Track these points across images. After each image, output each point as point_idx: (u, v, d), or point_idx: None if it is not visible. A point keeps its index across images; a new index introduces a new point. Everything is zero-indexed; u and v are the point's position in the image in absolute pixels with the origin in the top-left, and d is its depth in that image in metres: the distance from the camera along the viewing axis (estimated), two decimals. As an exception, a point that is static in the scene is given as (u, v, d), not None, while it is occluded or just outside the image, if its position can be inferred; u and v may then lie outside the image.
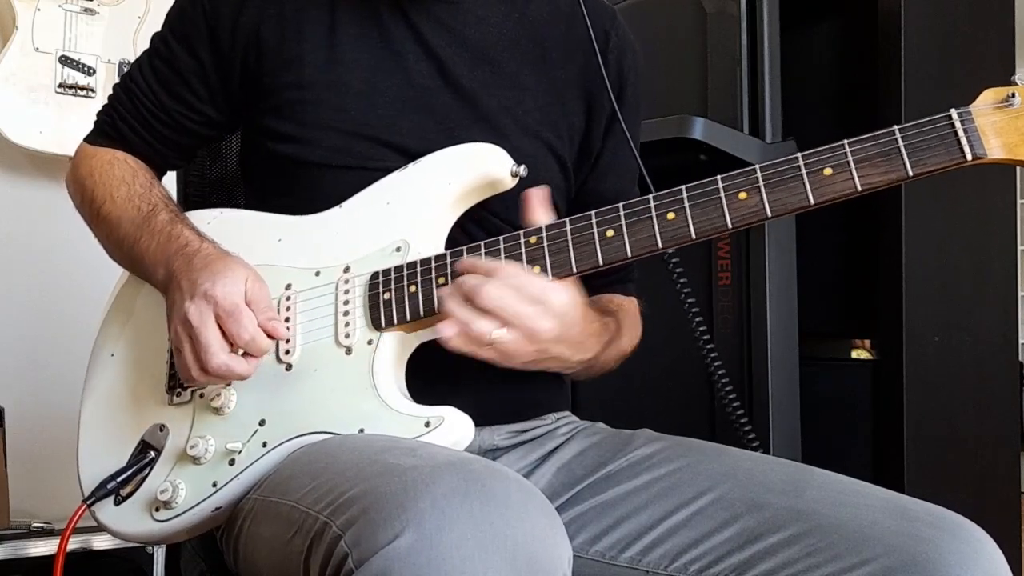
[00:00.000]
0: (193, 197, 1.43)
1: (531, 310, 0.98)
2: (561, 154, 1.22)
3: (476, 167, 1.08)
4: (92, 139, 1.29)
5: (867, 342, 2.01)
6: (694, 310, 1.40)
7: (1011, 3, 2.14)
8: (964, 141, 0.92)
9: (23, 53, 2.44)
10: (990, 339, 2.07)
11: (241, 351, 1.04)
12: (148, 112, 1.23)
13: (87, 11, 2.52)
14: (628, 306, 1.27)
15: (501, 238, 1.04)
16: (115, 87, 1.28)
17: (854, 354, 2.03)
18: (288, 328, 1.08)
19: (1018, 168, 2.30)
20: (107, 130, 1.27)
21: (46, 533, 2.05)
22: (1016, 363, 2.17)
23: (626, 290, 1.29)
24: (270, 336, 1.05)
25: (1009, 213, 2.14)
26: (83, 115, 2.45)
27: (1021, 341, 2.62)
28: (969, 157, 0.91)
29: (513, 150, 1.10)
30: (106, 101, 1.30)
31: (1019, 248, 2.31)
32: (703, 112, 1.92)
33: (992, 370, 2.08)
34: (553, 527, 0.83)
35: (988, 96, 0.93)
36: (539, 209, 1.04)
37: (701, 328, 1.42)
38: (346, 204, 1.13)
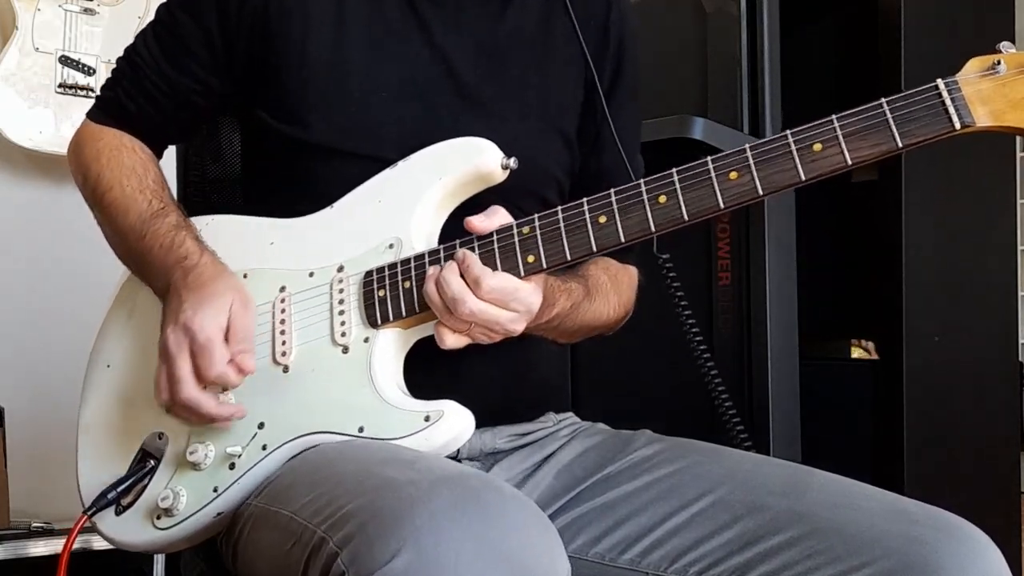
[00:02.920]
0: (193, 197, 1.43)
1: (510, 316, 1.00)
2: (567, 132, 1.23)
3: (466, 161, 1.08)
4: (95, 116, 1.27)
5: (867, 342, 2.01)
6: (687, 314, 1.40)
7: (1011, 3, 2.14)
8: (952, 110, 0.91)
9: (23, 53, 2.44)
10: (990, 339, 2.07)
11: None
12: (151, 84, 1.22)
13: (87, 11, 2.52)
14: (619, 272, 1.25)
15: (494, 230, 1.03)
16: (119, 60, 1.26)
17: (854, 354, 2.03)
18: (284, 335, 1.08)
19: (1018, 168, 2.30)
20: (110, 107, 1.25)
21: (46, 533, 2.05)
22: (1016, 363, 2.17)
23: (623, 259, 1.27)
24: (239, 369, 1.04)
25: (1009, 213, 2.14)
26: (83, 115, 2.45)
27: (1021, 341, 2.62)
28: (958, 126, 0.91)
29: (511, 136, 1.10)
30: (109, 75, 1.28)
31: (1019, 248, 2.31)
32: (703, 112, 1.92)
33: (992, 370, 2.09)
34: (550, 541, 0.83)
35: (974, 64, 0.93)
36: (484, 224, 1.03)
37: (698, 338, 1.42)
38: (337, 204, 1.12)
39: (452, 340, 1.01)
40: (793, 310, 1.92)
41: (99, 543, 2.02)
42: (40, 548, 2.02)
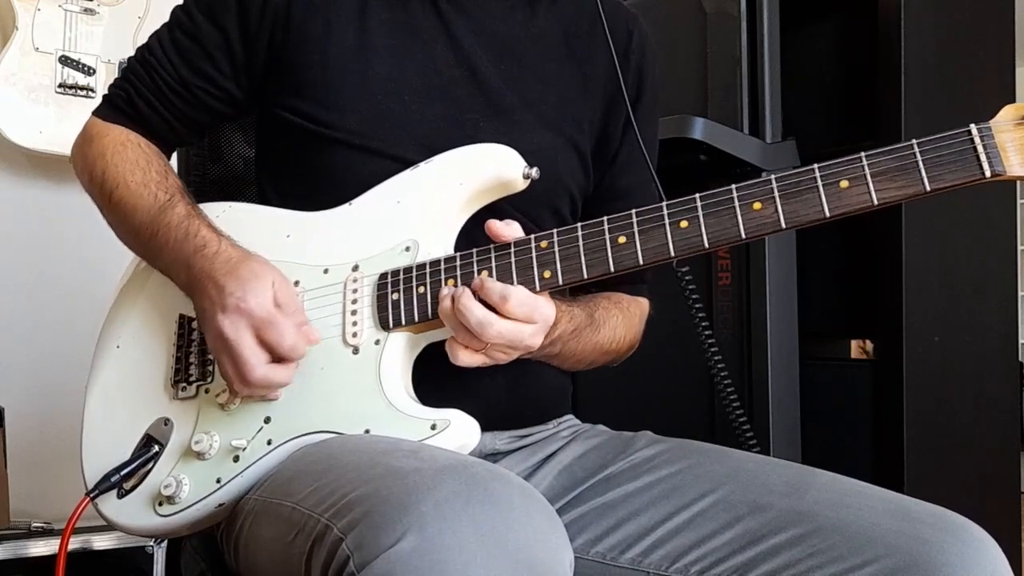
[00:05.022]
0: (194, 198, 1.43)
1: (530, 329, 1.00)
2: (582, 148, 1.23)
3: (488, 169, 1.08)
4: (103, 114, 1.25)
5: (867, 342, 2.01)
6: (704, 325, 1.39)
7: (1011, 3, 2.14)
8: (983, 157, 0.89)
9: (23, 53, 2.44)
10: (990, 339, 2.07)
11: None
12: (166, 86, 1.21)
13: (87, 11, 2.52)
14: (630, 305, 1.26)
15: (512, 242, 1.03)
16: (130, 60, 1.25)
17: (854, 354, 2.03)
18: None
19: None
20: (121, 105, 1.24)
21: (46, 533, 2.05)
22: (1016, 363, 2.17)
23: (635, 291, 1.28)
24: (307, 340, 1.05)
25: (1009, 213, 2.13)
26: (83, 115, 2.44)
27: (1021, 341, 2.62)
28: (988, 174, 0.89)
29: (531, 145, 1.10)
30: (118, 74, 1.26)
31: (1019, 248, 2.31)
32: (703, 112, 1.92)
33: (992, 370, 2.08)
34: (555, 531, 0.83)
35: (1009, 112, 0.91)
36: (504, 231, 1.04)
37: (710, 340, 1.41)
38: (355, 202, 1.12)
39: (466, 358, 1.02)
40: (793, 310, 1.92)
41: (99, 543, 2.03)
42: (40, 548, 2.02)
